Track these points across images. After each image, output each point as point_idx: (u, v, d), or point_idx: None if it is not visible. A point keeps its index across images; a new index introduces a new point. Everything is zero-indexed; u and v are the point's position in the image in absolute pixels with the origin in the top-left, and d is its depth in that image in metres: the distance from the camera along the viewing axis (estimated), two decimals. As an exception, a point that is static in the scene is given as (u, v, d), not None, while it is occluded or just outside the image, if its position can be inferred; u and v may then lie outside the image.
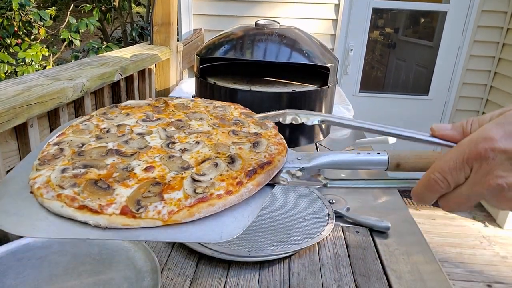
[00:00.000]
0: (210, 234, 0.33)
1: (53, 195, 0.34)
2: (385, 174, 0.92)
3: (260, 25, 0.94)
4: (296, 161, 0.42)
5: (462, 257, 2.05)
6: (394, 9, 2.74)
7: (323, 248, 0.67)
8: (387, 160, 0.40)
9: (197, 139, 0.43)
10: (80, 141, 0.43)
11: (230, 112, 0.52)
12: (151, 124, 0.47)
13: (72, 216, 0.33)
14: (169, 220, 0.33)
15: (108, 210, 0.33)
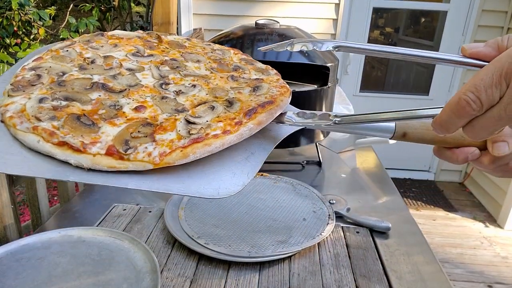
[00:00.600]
0: (206, 188, 0.30)
1: (28, 127, 0.30)
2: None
3: (260, 24, 0.94)
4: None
5: (462, 258, 2.04)
6: (394, 9, 2.74)
7: (323, 249, 0.66)
8: (394, 127, 0.38)
9: (193, 82, 0.39)
10: (60, 69, 0.37)
11: (230, 57, 0.47)
12: (143, 60, 0.42)
13: (50, 153, 0.29)
14: (161, 163, 0.29)
15: (92, 150, 0.29)
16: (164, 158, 0.29)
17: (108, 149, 0.29)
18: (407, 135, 0.38)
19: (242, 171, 0.32)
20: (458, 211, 2.53)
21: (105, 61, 0.40)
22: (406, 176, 2.95)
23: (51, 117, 0.31)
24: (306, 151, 1.12)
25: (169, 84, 0.38)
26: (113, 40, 0.45)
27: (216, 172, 0.31)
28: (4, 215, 0.77)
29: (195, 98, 0.36)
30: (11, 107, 0.32)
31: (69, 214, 0.76)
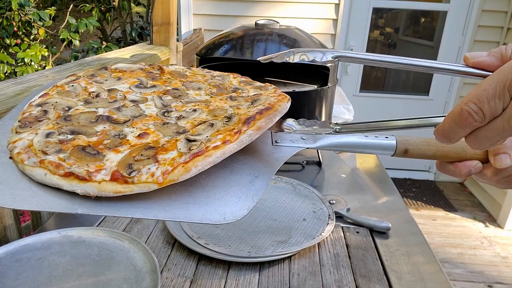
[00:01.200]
0: (212, 214, 0.30)
1: (35, 161, 0.31)
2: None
3: (260, 25, 0.94)
4: (300, 141, 0.40)
5: (462, 258, 2.04)
6: (394, 9, 2.74)
7: (323, 249, 0.66)
8: (395, 145, 0.38)
9: (194, 107, 0.39)
10: (66, 104, 0.38)
11: (229, 81, 0.48)
12: (146, 91, 0.42)
13: (57, 184, 0.29)
14: (165, 181, 0.29)
15: (98, 177, 0.29)
16: (167, 176, 0.30)
17: (112, 175, 0.30)
18: (408, 152, 0.38)
19: (247, 195, 0.32)
20: (458, 211, 2.53)
21: (109, 94, 0.41)
22: (406, 176, 2.95)
23: (57, 150, 0.32)
24: (306, 151, 1.12)
25: (171, 111, 0.39)
26: (117, 73, 0.46)
27: (222, 198, 0.32)
28: (4, 215, 0.77)
29: (195, 120, 0.37)
30: (18, 144, 0.33)
31: (69, 214, 0.76)
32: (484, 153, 0.38)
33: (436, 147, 0.38)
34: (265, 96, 0.41)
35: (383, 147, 0.38)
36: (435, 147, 0.38)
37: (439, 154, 0.39)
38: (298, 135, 0.40)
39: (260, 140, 0.38)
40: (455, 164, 0.39)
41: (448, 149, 0.38)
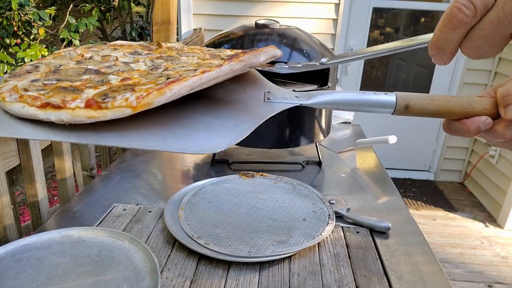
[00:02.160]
0: (190, 146, 0.30)
1: (16, 97, 0.31)
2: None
3: (260, 24, 0.94)
4: (294, 98, 0.38)
5: (462, 258, 2.05)
6: (394, 9, 2.74)
7: (323, 249, 0.66)
8: (395, 101, 0.34)
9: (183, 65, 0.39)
10: (59, 63, 0.39)
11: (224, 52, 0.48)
12: (139, 56, 0.42)
13: (34, 115, 0.29)
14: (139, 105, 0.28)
15: (72, 105, 0.29)
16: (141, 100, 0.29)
17: (87, 102, 0.29)
18: (410, 107, 0.34)
19: (230, 135, 0.32)
20: (458, 211, 2.53)
21: (102, 57, 0.41)
22: (406, 176, 2.95)
23: (38, 89, 0.32)
24: (306, 151, 1.12)
25: (159, 68, 0.39)
26: (115, 46, 0.47)
27: (203, 135, 0.31)
28: (4, 215, 0.77)
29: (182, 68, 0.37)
30: (4, 88, 0.34)
31: (69, 214, 0.76)
32: (494, 107, 0.34)
33: (440, 102, 0.34)
34: None
35: (382, 104, 0.35)
36: (439, 101, 0.34)
37: (444, 110, 0.35)
38: (292, 93, 0.39)
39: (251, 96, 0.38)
40: (463, 122, 0.35)
41: (453, 104, 0.34)
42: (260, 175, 0.88)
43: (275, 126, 0.90)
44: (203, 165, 1.01)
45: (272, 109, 0.37)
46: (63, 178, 1.01)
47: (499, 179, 2.47)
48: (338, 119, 1.40)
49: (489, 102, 0.35)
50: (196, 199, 0.77)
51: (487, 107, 0.34)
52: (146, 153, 1.06)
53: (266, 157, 1.07)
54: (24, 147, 0.84)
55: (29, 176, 0.87)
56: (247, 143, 0.93)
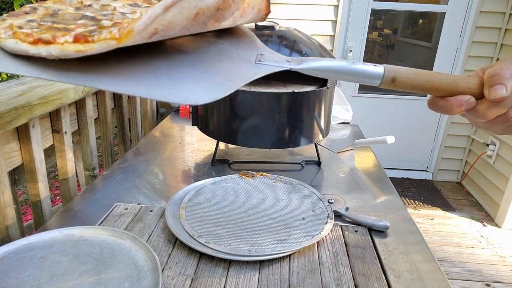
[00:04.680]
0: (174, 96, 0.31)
1: (10, 34, 0.32)
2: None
3: (259, 26, 0.95)
4: (285, 62, 0.38)
5: (460, 257, 2.06)
6: (392, 10, 2.75)
7: (322, 247, 0.67)
8: (383, 73, 0.35)
9: None
10: (58, 7, 0.40)
11: None
12: (138, 8, 0.43)
13: (25, 50, 0.31)
14: (122, 34, 0.29)
15: (61, 40, 0.30)
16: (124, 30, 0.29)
17: (75, 37, 0.30)
18: (396, 80, 0.35)
19: (215, 90, 0.32)
20: (456, 211, 2.54)
21: (101, 6, 0.42)
22: (404, 176, 2.96)
23: (33, 27, 0.33)
24: (306, 151, 1.13)
25: None
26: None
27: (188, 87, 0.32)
28: (6, 214, 0.78)
29: None
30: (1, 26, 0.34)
31: (71, 213, 0.76)
32: (479, 87, 0.35)
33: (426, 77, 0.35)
34: None
35: (370, 75, 0.36)
36: (425, 77, 0.35)
37: (429, 86, 0.36)
38: (283, 57, 0.39)
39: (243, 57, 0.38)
40: (446, 99, 0.36)
41: (439, 80, 0.35)
42: (260, 175, 0.89)
43: (275, 126, 0.91)
44: (203, 165, 1.02)
45: (261, 71, 0.37)
46: (65, 178, 1.02)
47: (497, 179, 2.48)
48: (337, 120, 1.41)
49: (475, 82, 0.35)
50: (196, 198, 0.78)
51: (472, 86, 0.35)
52: (148, 153, 1.07)
53: (266, 157, 1.07)
54: (26, 147, 0.85)
55: (31, 176, 0.88)
56: (247, 143, 0.94)
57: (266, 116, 0.90)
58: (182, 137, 1.23)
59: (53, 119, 0.96)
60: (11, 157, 0.82)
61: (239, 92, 0.89)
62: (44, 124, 0.93)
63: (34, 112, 0.81)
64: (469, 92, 0.35)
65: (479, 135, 2.71)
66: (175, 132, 1.28)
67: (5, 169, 0.78)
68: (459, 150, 2.86)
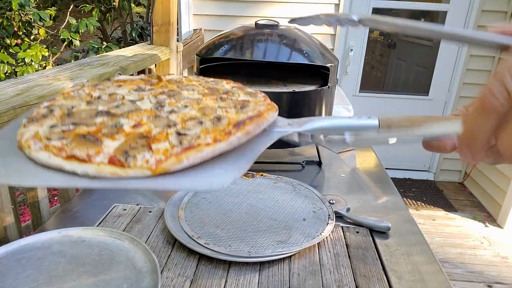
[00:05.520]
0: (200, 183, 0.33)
1: (41, 146, 0.34)
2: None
3: (260, 25, 0.94)
4: (287, 126, 0.41)
5: (462, 258, 2.05)
6: (394, 9, 2.74)
7: (323, 249, 0.67)
8: (378, 123, 0.39)
9: (186, 103, 0.43)
10: (71, 104, 0.42)
11: (222, 85, 0.52)
12: (143, 93, 0.46)
13: (60, 165, 0.32)
14: (158, 168, 0.32)
15: (96, 160, 0.32)
16: (161, 165, 0.32)
17: (110, 159, 0.32)
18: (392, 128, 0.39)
19: (233, 168, 0.34)
20: (458, 211, 2.53)
21: (110, 96, 0.45)
22: (406, 176, 2.95)
23: (60, 137, 0.35)
24: (306, 151, 1.12)
25: (164, 106, 0.42)
26: (118, 82, 0.50)
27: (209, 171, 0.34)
28: (4, 215, 0.78)
29: (185, 115, 0.40)
30: (26, 134, 0.36)
31: (69, 214, 0.76)
32: None
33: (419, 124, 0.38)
34: (254, 104, 0.44)
35: (367, 127, 0.39)
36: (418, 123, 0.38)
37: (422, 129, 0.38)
38: (285, 121, 0.42)
39: None
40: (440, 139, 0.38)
41: None
42: (260, 175, 0.89)
43: (275, 126, 0.90)
44: (203, 165, 1.01)
45: (268, 139, 0.40)
46: (64, 178, 1.02)
47: (499, 179, 2.47)
48: (338, 119, 1.40)
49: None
50: (196, 199, 0.77)
51: None
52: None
53: (266, 157, 1.07)
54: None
55: (29, 176, 0.87)
56: (247, 143, 0.93)
57: (267, 115, 0.89)
58: (182, 137, 1.23)
59: (52, 119, 0.96)
60: (9, 157, 0.82)
61: (239, 91, 0.88)
62: (43, 124, 0.93)
63: (33, 111, 0.80)
64: None
65: (481, 135, 2.70)
66: (175, 132, 1.27)
67: (3, 169, 0.78)
68: (460, 150, 2.84)
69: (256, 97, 0.47)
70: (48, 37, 3.08)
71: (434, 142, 0.38)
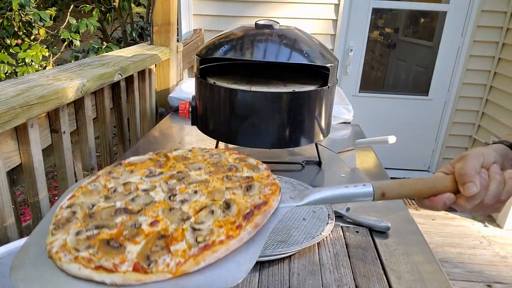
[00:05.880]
0: (216, 281, 0.36)
1: (71, 258, 0.37)
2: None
3: (260, 25, 0.94)
4: (289, 200, 0.45)
5: (462, 257, 2.05)
6: (394, 9, 2.74)
7: (323, 248, 0.67)
8: (373, 191, 0.43)
9: (195, 188, 0.47)
10: (90, 201, 0.46)
11: (225, 158, 0.56)
12: (155, 179, 0.50)
13: (90, 276, 0.36)
14: (178, 271, 0.36)
15: (122, 268, 0.36)
16: (180, 267, 0.36)
17: (134, 266, 0.36)
18: (386, 194, 0.43)
19: (245, 259, 0.38)
20: (457, 211, 2.53)
21: (124, 187, 0.48)
22: (405, 176, 2.95)
23: (87, 246, 0.38)
24: (306, 151, 1.12)
25: (176, 195, 0.46)
26: (130, 167, 0.54)
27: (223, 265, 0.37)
28: (4, 215, 0.78)
29: (197, 204, 0.44)
30: (55, 244, 0.39)
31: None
32: (454, 184, 0.43)
33: (410, 186, 0.43)
34: (258, 184, 0.48)
35: (363, 195, 0.43)
36: (408, 186, 0.43)
37: (414, 192, 0.44)
38: (287, 195, 0.46)
39: None
40: (431, 199, 0.43)
41: (421, 186, 0.43)
42: (260, 175, 0.89)
43: (275, 126, 0.90)
44: (203, 165, 1.01)
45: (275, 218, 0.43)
46: (64, 178, 1.02)
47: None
48: (338, 119, 1.40)
49: (449, 180, 0.43)
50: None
51: (448, 185, 0.43)
52: (147, 153, 1.06)
53: (266, 157, 1.07)
54: (25, 147, 0.85)
55: (30, 176, 0.87)
56: (247, 143, 0.94)
57: (266, 116, 0.89)
58: (182, 137, 1.23)
59: (52, 119, 0.96)
60: (9, 157, 0.82)
61: (240, 91, 0.89)
62: (43, 124, 0.93)
63: (33, 111, 0.80)
64: (447, 190, 0.43)
65: (480, 135, 2.70)
66: (174, 132, 1.27)
67: (3, 169, 0.78)
68: (460, 150, 2.85)
69: (258, 172, 0.52)
70: (48, 37, 3.08)
71: (426, 202, 0.43)
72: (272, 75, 1.01)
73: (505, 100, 2.46)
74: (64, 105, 0.95)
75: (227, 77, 0.98)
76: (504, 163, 0.48)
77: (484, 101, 2.65)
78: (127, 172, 0.52)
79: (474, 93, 2.65)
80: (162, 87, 1.68)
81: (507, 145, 0.49)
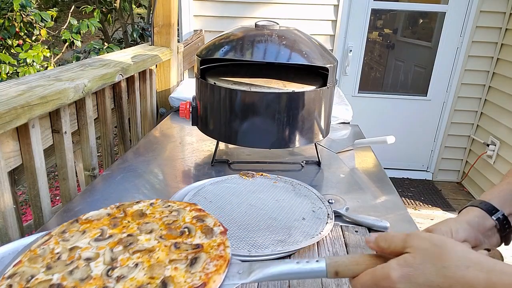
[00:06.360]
0: None
1: None
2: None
3: (259, 26, 0.95)
4: (236, 276, 0.43)
5: (461, 257, 2.05)
6: (392, 10, 2.75)
7: (322, 248, 0.67)
8: (325, 268, 0.40)
9: (138, 259, 0.46)
10: (31, 272, 0.45)
11: (183, 217, 0.55)
12: (101, 244, 0.49)
13: None
14: None
15: None
16: None
17: None
18: (339, 273, 0.41)
19: None
20: (456, 211, 2.54)
21: (69, 254, 0.48)
22: (404, 176, 2.96)
23: None
24: (306, 151, 1.13)
25: (115, 268, 0.45)
26: (85, 225, 0.54)
27: None
28: (6, 214, 0.78)
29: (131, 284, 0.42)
30: None
31: (71, 213, 0.77)
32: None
33: (365, 265, 0.40)
34: (205, 255, 0.46)
35: (315, 273, 0.41)
36: (363, 266, 0.40)
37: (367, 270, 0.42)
38: (235, 269, 0.44)
39: None
40: None
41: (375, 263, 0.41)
42: (260, 175, 0.89)
43: (275, 126, 0.91)
44: (203, 165, 1.02)
45: None
46: (65, 178, 1.02)
47: (497, 179, 2.48)
48: (337, 119, 1.41)
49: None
50: (196, 198, 0.78)
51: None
52: (148, 153, 1.07)
53: (266, 157, 1.07)
54: (26, 147, 0.85)
55: (31, 176, 0.88)
56: (247, 143, 0.94)
57: (266, 116, 0.90)
58: (182, 137, 1.24)
59: (53, 119, 0.96)
60: (11, 157, 0.83)
61: (239, 92, 0.89)
62: (44, 124, 0.94)
63: (34, 112, 0.81)
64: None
65: (479, 135, 2.71)
66: (175, 132, 1.28)
67: (5, 169, 0.78)
68: (459, 150, 2.85)
69: (211, 237, 0.50)
70: (49, 38, 3.09)
71: None
72: (272, 75, 1.01)
73: (503, 101, 2.46)
74: (66, 106, 0.96)
75: (227, 77, 0.98)
76: (478, 236, 0.47)
77: (483, 102, 2.65)
78: (79, 233, 0.52)
79: (473, 93, 2.66)
80: (163, 87, 1.68)
81: (484, 209, 0.46)
